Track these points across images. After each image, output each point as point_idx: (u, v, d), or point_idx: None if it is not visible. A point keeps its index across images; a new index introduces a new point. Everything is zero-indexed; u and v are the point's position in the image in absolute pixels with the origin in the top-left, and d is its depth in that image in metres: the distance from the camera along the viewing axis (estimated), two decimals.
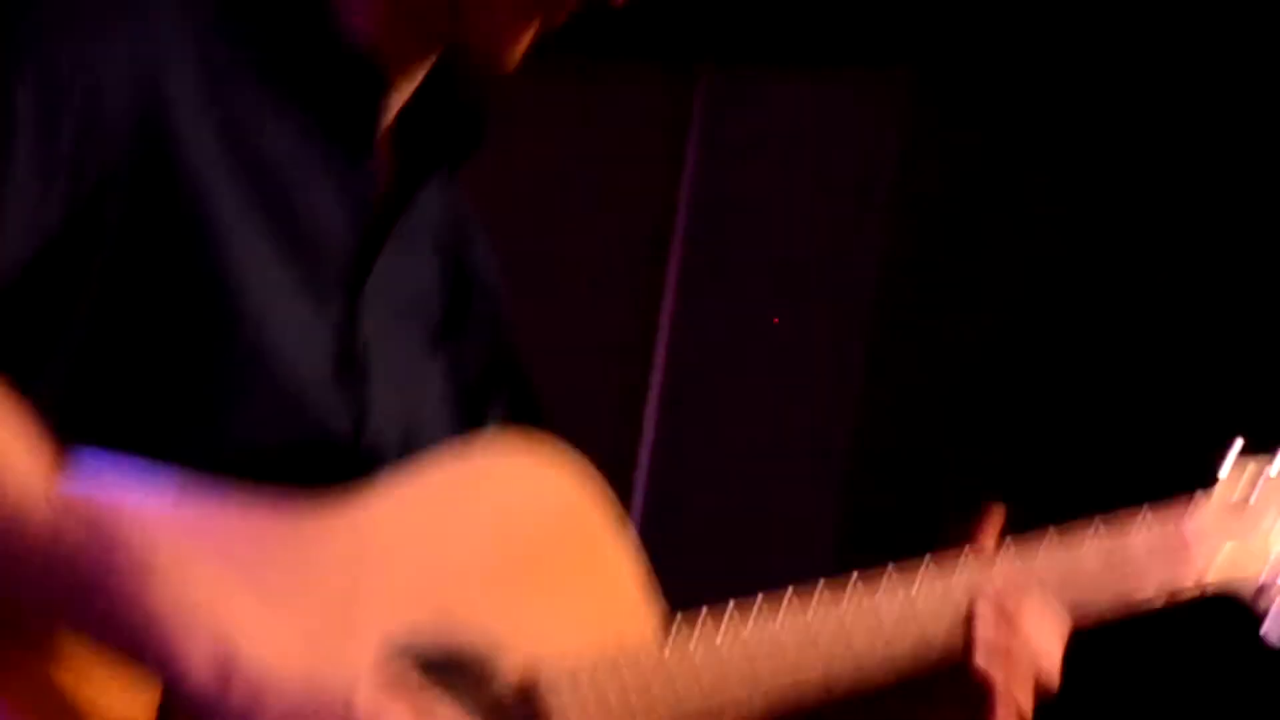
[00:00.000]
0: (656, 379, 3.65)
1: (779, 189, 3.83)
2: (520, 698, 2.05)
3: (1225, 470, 2.42)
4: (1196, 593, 2.36)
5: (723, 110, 4.00)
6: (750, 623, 2.10)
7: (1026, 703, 2.16)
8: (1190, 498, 2.37)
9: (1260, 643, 2.38)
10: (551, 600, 2.14)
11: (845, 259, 3.94)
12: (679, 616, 2.09)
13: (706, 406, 3.28)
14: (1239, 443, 2.44)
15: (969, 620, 2.19)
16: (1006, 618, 2.19)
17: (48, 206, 1.97)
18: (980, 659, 2.17)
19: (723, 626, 2.09)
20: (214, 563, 1.95)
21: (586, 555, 2.16)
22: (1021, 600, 2.20)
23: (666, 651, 2.08)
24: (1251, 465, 2.42)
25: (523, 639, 2.08)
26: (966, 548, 2.24)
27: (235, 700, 1.86)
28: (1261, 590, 2.42)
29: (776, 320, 2.73)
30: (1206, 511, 2.40)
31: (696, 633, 2.08)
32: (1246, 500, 2.41)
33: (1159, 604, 2.31)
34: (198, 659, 1.86)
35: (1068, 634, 2.22)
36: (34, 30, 1.99)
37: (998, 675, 2.17)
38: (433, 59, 2.13)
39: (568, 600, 2.15)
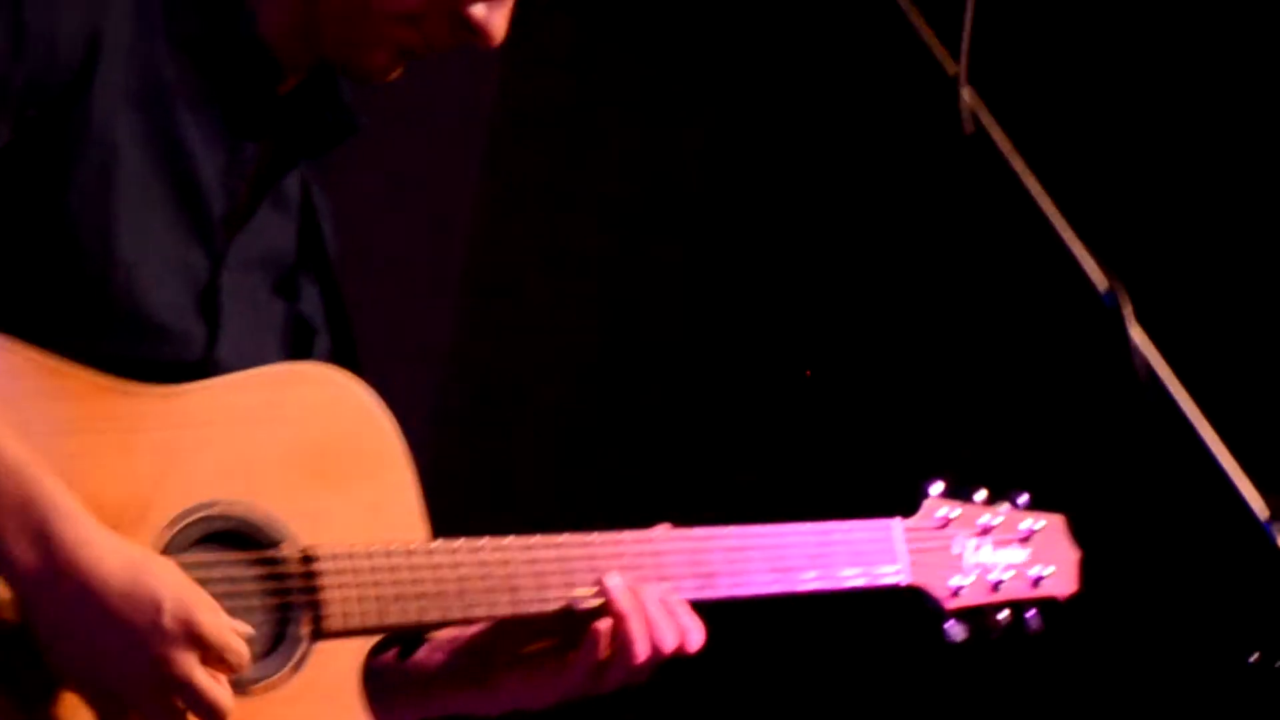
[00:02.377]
0: None
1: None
2: (299, 566, 2.55)
3: (926, 503, 2.99)
4: (895, 588, 2.93)
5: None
6: (467, 552, 2.65)
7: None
8: (891, 519, 2.94)
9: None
10: (339, 498, 2.63)
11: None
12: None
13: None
14: (939, 484, 3.02)
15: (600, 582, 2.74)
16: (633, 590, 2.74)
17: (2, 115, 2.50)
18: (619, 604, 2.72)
19: (457, 553, 2.64)
20: (69, 439, 2.47)
21: (374, 469, 2.66)
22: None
23: (423, 555, 2.62)
24: (945, 504, 3.00)
25: (308, 522, 2.57)
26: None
27: (61, 574, 2.36)
28: (945, 596, 2.98)
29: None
30: (912, 530, 2.97)
31: (438, 546, 2.63)
32: (945, 526, 2.99)
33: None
34: (21, 545, 2.37)
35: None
36: None
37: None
38: (316, 61, 2.68)
39: (353, 501, 2.65)
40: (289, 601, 2.59)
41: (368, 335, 2.76)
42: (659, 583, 2.79)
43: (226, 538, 2.57)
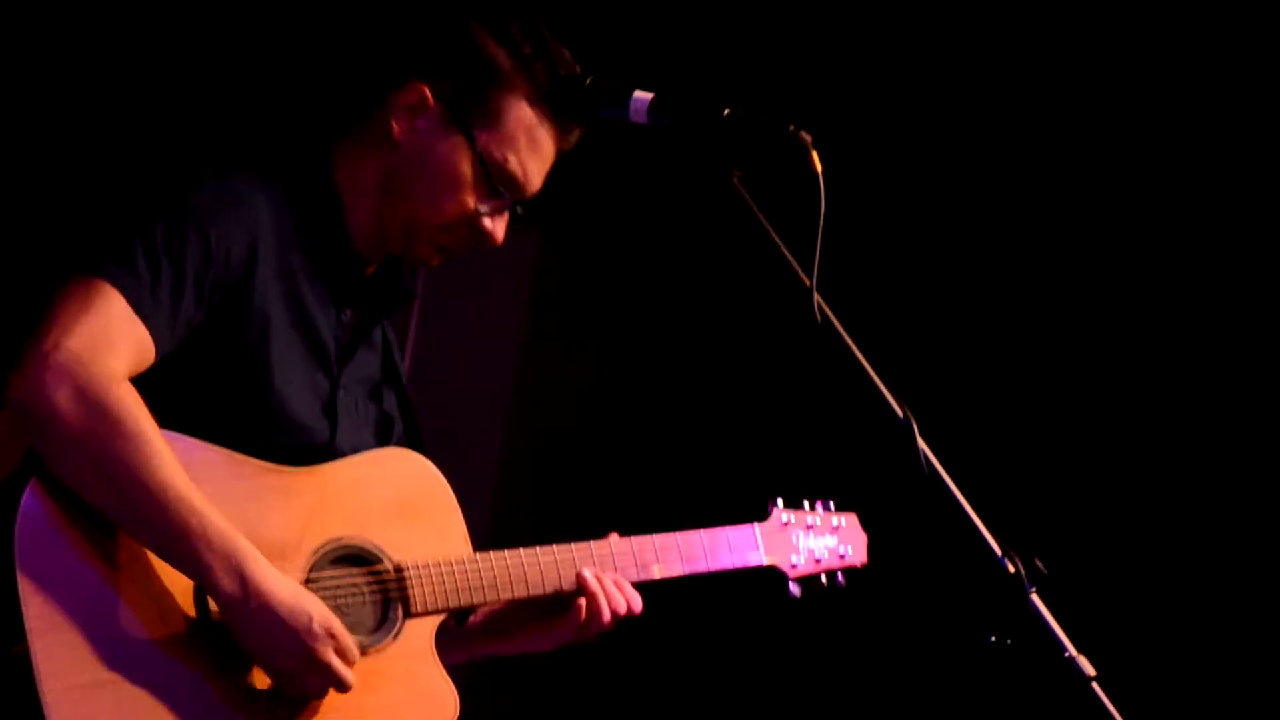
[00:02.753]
0: None
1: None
2: (394, 574, 3.56)
3: (774, 512, 4.14)
4: (758, 567, 4.01)
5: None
6: (497, 559, 3.68)
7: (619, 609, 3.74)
8: (751, 524, 4.08)
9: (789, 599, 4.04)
10: (417, 532, 3.60)
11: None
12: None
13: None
14: (779, 500, 4.14)
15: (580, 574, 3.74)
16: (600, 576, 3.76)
17: (198, 310, 3.43)
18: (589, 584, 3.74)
19: (491, 560, 3.69)
20: (249, 503, 3.39)
21: (438, 514, 3.66)
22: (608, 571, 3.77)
23: (470, 563, 3.65)
24: (785, 512, 4.15)
25: (397, 549, 3.57)
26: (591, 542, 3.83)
27: (251, 598, 3.27)
28: (788, 569, 4.11)
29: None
30: (765, 529, 4.10)
31: (479, 557, 3.66)
32: (786, 526, 4.14)
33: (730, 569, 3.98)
34: (226, 579, 3.28)
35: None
36: (198, 213, 3.45)
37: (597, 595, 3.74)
38: (386, 255, 3.73)
39: (425, 533, 3.62)
40: (389, 596, 3.53)
41: (430, 426, 3.82)
42: (613, 571, 3.80)
43: (349, 559, 3.53)
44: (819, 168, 3.28)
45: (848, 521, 4.23)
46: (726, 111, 3.39)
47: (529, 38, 3.69)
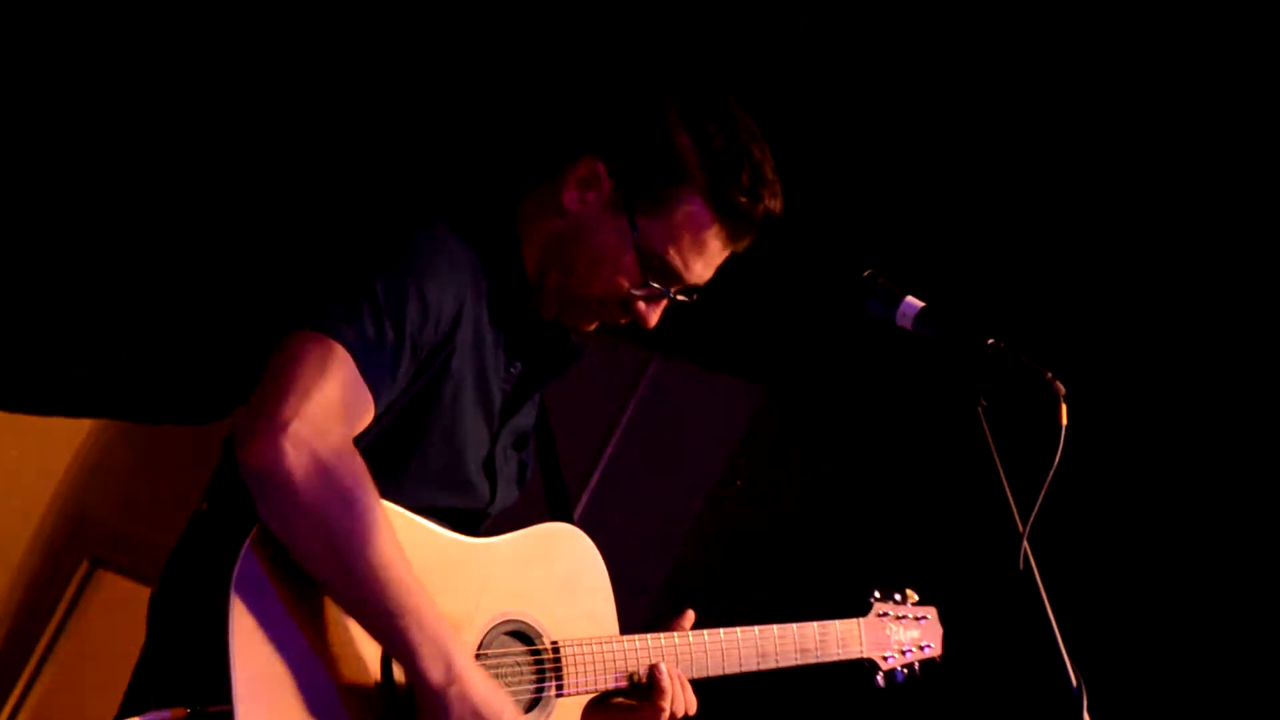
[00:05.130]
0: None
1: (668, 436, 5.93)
2: (552, 651, 3.67)
3: (875, 606, 4.37)
4: (859, 658, 4.24)
5: (657, 383, 6.21)
6: (654, 640, 3.82)
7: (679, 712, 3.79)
8: (857, 619, 4.30)
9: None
10: (574, 610, 3.72)
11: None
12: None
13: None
14: (876, 592, 4.34)
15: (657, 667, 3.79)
16: (676, 674, 3.82)
17: (411, 367, 3.47)
18: (664, 683, 3.80)
19: (636, 641, 3.81)
20: (432, 575, 3.39)
21: (592, 592, 3.79)
22: (676, 669, 3.83)
23: (619, 642, 3.78)
24: (882, 605, 4.36)
25: (556, 625, 3.68)
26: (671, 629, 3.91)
27: (454, 685, 3.33)
28: (881, 662, 4.34)
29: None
30: (867, 624, 4.33)
31: (624, 639, 3.80)
32: (881, 620, 4.36)
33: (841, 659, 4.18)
34: (435, 666, 3.33)
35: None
36: (416, 270, 3.48)
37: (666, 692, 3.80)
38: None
39: (581, 612, 3.74)
40: (544, 673, 3.64)
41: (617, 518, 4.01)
42: (737, 658, 3.97)
43: (514, 635, 3.64)
44: (1065, 421, 3.36)
45: (930, 616, 4.45)
46: (991, 341, 3.49)
47: (724, 134, 3.67)
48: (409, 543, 3.40)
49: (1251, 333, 5.70)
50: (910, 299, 3.59)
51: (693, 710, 3.85)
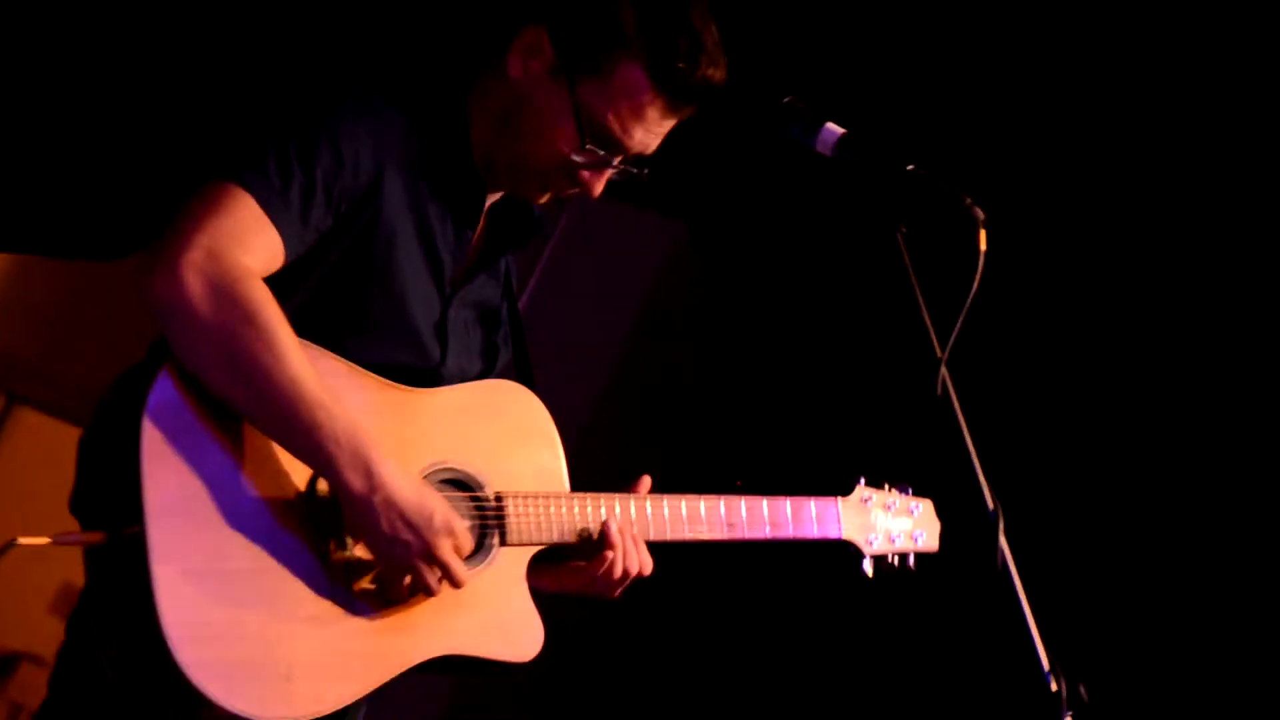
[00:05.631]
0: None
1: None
2: (494, 503, 3.65)
3: (856, 489, 4.26)
4: (836, 539, 4.14)
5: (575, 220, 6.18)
6: (593, 501, 3.78)
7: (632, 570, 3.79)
8: (835, 497, 4.21)
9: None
10: (518, 463, 3.70)
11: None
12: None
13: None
14: (861, 479, 4.25)
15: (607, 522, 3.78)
16: (629, 531, 3.81)
17: (326, 216, 3.51)
18: (613, 536, 3.79)
19: (587, 502, 3.79)
20: (366, 416, 3.44)
21: (540, 448, 3.76)
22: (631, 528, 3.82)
23: (564, 500, 3.75)
24: (866, 490, 4.26)
25: (498, 476, 3.67)
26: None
27: (377, 492, 3.37)
28: (864, 545, 4.24)
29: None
30: (846, 504, 4.23)
31: (576, 496, 3.77)
32: (866, 503, 4.26)
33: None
34: (354, 475, 3.38)
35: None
36: (330, 126, 3.52)
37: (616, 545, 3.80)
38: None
39: (527, 465, 3.72)
40: (486, 523, 3.63)
41: (538, 358, 3.91)
42: (703, 526, 3.94)
43: (453, 483, 3.62)
44: (983, 247, 3.34)
45: (924, 508, 4.36)
46: (910, 167, 3.45)
47: (668, 8, 3.70)
48: (344, 388, 3.46)
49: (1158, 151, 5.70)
50: (830, 125, 3.56)
51: (647, 570, 3.86)
